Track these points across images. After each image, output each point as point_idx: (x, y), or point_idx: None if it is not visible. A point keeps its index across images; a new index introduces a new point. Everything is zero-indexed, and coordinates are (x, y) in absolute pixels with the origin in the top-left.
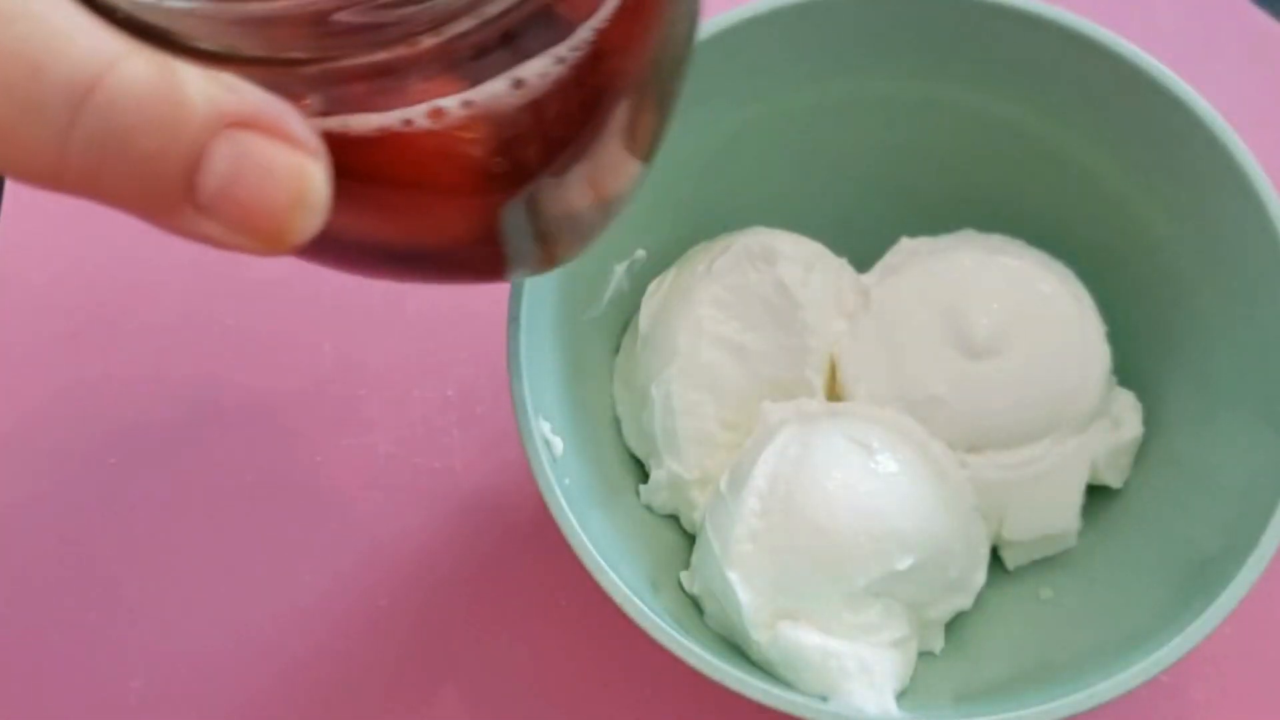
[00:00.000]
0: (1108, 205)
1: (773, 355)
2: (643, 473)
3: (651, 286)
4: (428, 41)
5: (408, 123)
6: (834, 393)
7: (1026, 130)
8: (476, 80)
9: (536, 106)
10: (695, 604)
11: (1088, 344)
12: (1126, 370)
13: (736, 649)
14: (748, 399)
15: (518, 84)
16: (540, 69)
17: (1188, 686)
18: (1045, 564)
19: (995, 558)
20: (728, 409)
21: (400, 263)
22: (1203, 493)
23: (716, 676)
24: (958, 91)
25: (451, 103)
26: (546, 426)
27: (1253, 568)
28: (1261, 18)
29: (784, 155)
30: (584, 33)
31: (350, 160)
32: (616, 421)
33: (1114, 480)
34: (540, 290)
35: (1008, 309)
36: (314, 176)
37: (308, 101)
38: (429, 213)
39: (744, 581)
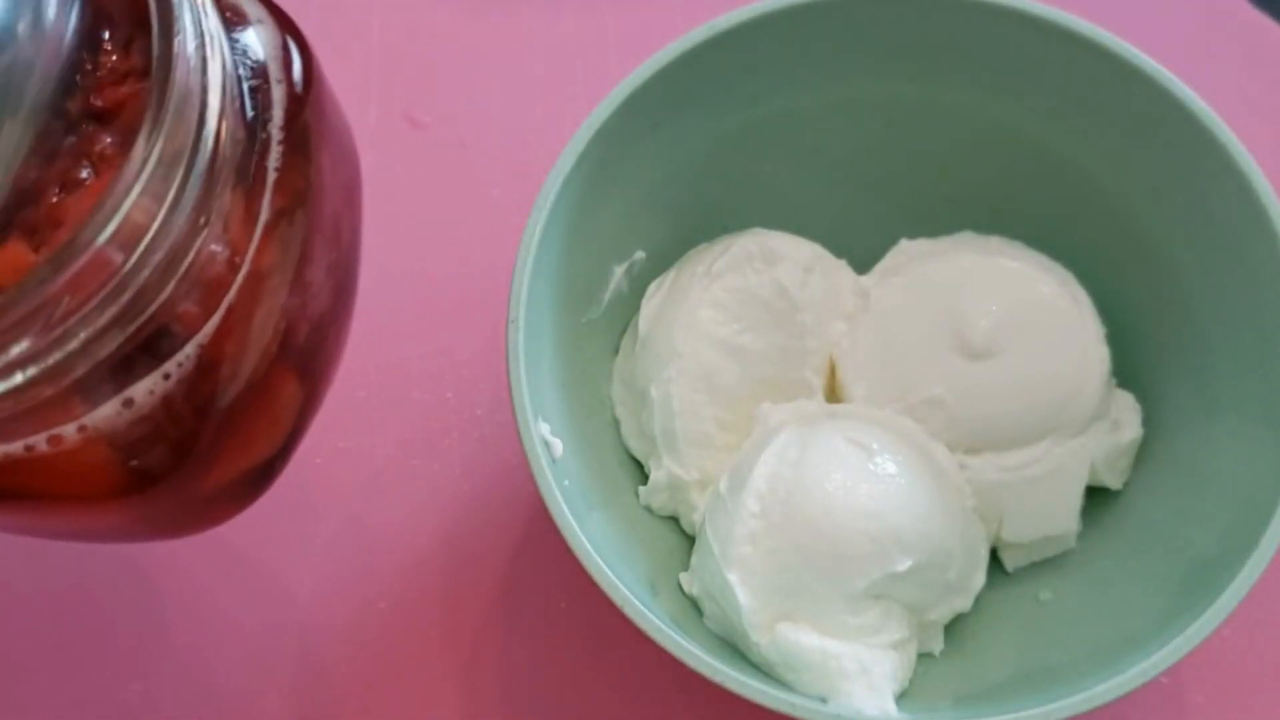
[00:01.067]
0: (1107, 207)
1: (772, 357)
2: (642, 474)
3: (651, 288)
4: (46, 391)
5: (30, 449)
6: (833, 394)
7: (1026, 132)
8: (90, 405)
9: (149, 419)
10: (695, 605)
11: (1087, 345)
12: (1126, 372)
13: (736, 650)
14: (747, 400)
15: (128, 403)
16: (148, 387)
17: (1187, 688)
18: (1044, 566)
19: (994, 559)
20: (727, 410)
21: (79, 539)
22: (1202, 494)
23: (716, 678)
24: (957, 93)
25: (69, 429)
26: (546, 428)
27: (1252, 570)
28: (1260, 18)
29: (783, 157)
30: (189, 349)
31: None
32: (616, 423)
33: (1113, 482)
34: (539, 292)
35: (1007, 311)
36: None
37: None
38: (79, 514)
39: (743, 583)
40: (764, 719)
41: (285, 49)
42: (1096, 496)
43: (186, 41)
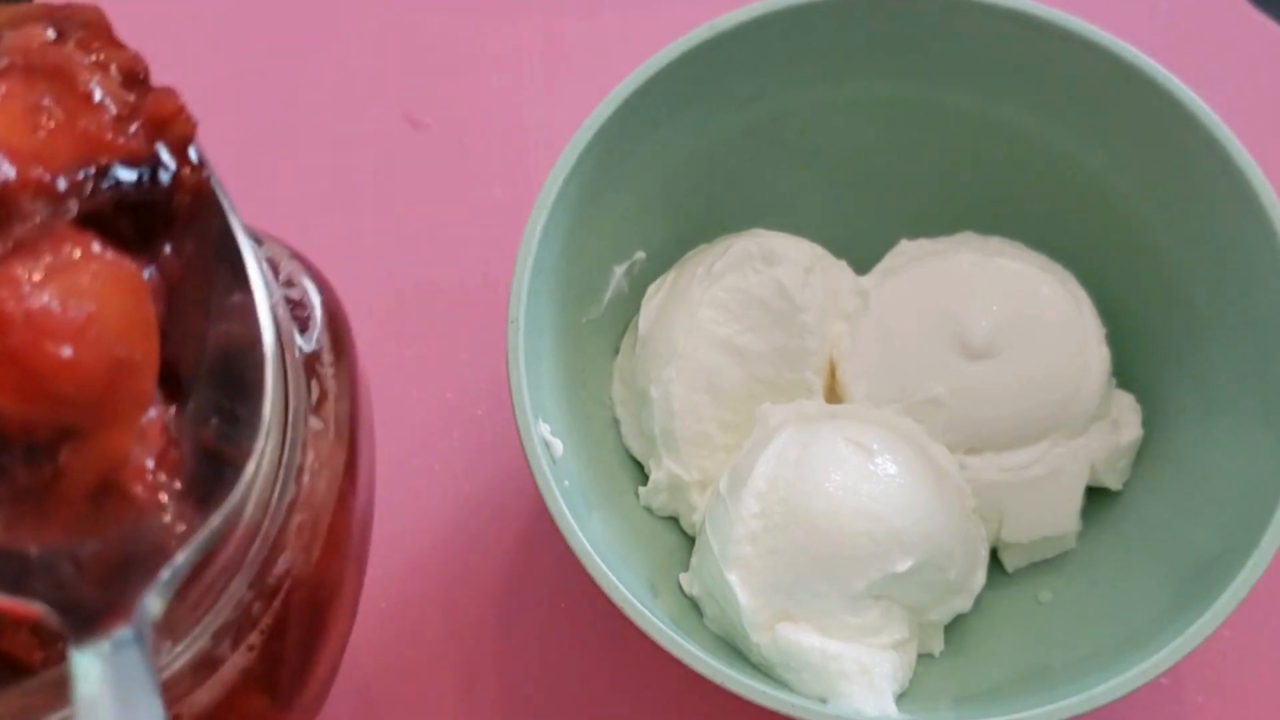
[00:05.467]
0: (1107, 207)
1: (772, 357)
2: (642, 474)
3: (651, 288)
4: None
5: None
6: (833, 394)
7: (1026, 132)
8: (234, 644)
9: (274, 641)
10: (695, 606)
11: (1087, 346)
12: (1126, 372)
13: (736, 651)
14: (747, 401)
15: (262, 631)
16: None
17: (1187, 689)
18: (1044, 566)
19: (995, 560)
20: (727, 410)
21: None
22: (1202, 495)
23: (716, 678)
24: (957, 94)
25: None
26: (546, 428)
27: (1252, 570)
28: (1260, 19)
29: (783, 157)
30: (297, 566)
31: None
32: (616, 423)
33: (1113, 482)
34: (539, 292)
35: (1007, 311)
36: None
37: None
38: None
39: (743, 583)
40: (764, 719)
41: (308, 285)
42: (1096, 497)
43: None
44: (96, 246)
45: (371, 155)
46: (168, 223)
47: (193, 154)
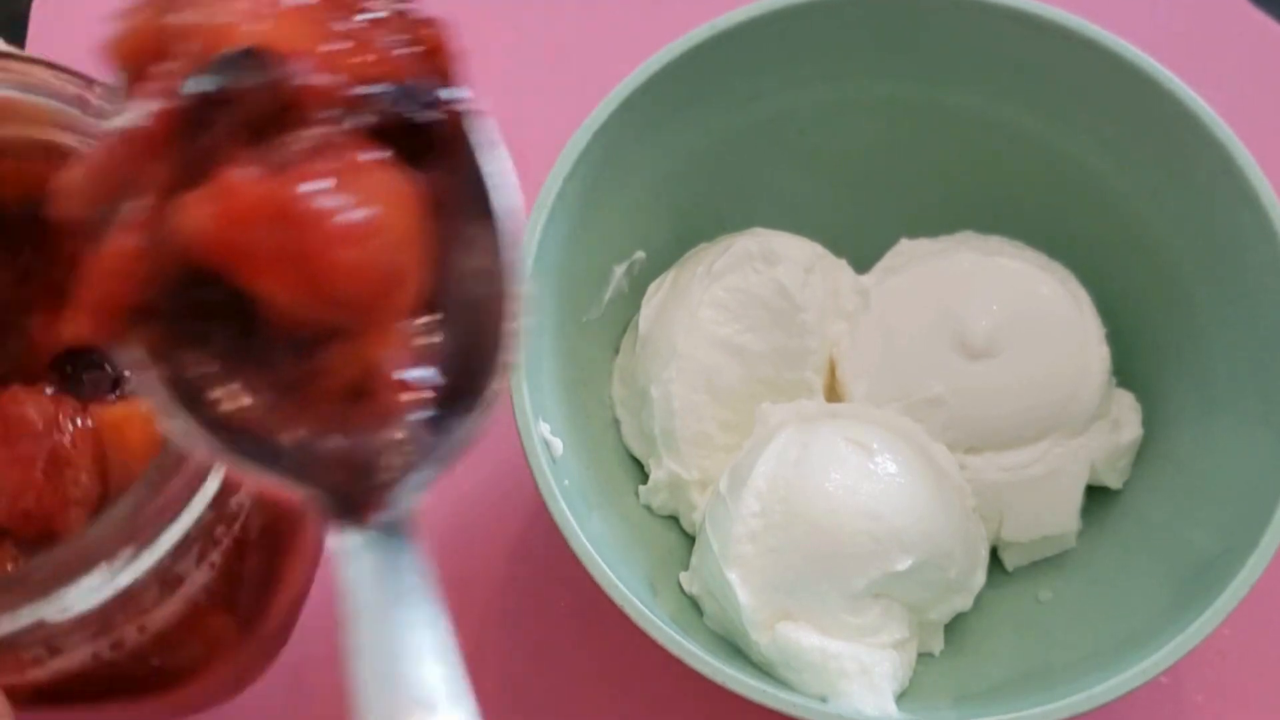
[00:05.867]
0: (1107, 206)
1: (772, 356)
2: (642, 473)
3: (651, 288)
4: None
5: (96, 656)
6: (833, 394)
7: (1026, 131)
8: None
9: (227, 572)
10: (695, 605)
11: (1087, 345)
12: (1126, 371)
13: (736, 650)
14: (747, 400)
15: (212, 565)
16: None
17: (1187, 687)
18: (1044, 565)
19: (995, 559)
20: (727, 410)
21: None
22: (1202, 494)
23: (716, 678)
24: (957, 93)
25: (128, 630)
26: (546, 428)
27: (1252, 569)
28: (1261, 18)
29: (783, 157)
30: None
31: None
32: (616, 422)
33: (1113, 481)
34: (540, 291)
35: (1007, 310)
36: None
37: None
38: (188, 688)
39: (743, 582)
40: (764, 718)
41: None
42: (1097, 496)
43: None
44: (379, 156)
45: None
46: (430, 146)
47: (451, 92)
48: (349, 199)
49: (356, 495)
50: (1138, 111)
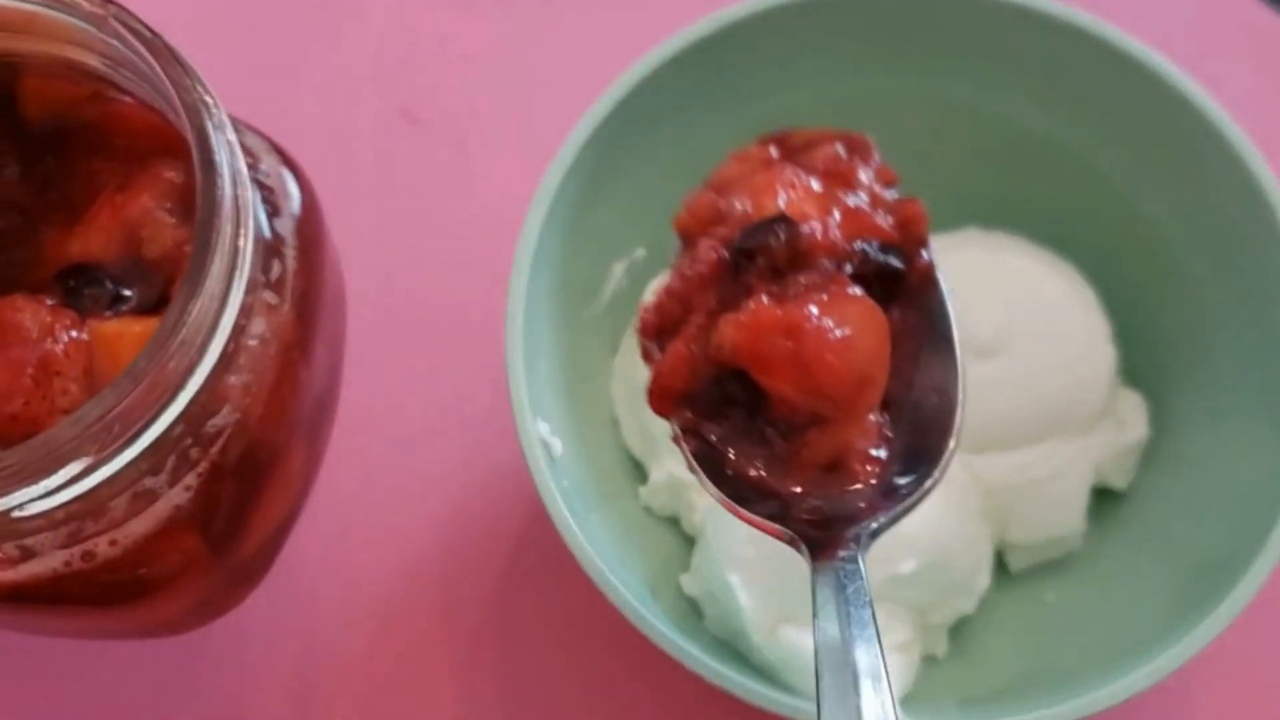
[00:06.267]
0: (1114, 203)
1: None
2: (642, 474)
3: (651, 286)
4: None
5: (67, 564)
6: None
7: (1032, 127)
8: (161, 491)
9: (203, 494)
10: (695, 607)
11: (1093, 344)
12: (1133, 370)
13: (736, 653)
14: None
15: (188, 488)
16: (204, 463)
17: (1193, 691)
18: (1050, 567)
19: (999, 561)
20: None
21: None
22: (1209, 496)
23: (717, 681)
24: (960, 89)
25: (100, 542)
26: (545, 427)
27: (1259, 572)
28: (1265, 12)
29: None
30: (231, 422)
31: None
32: (616, 422)
33: (1119, 482)
34: (538, 289)
35: (1012, 309)
36: None
37: None
38: (146, 606)
39: (745, 584)
40: None
41: (286, 177)
42: (1102, 497)
43: (225, 184)
44: (860, 293)
45: (369, 151)
46: (900, 290)
47: (925, 252)
48: (838, 322)
49: (824, 539)
50: (1145, 109)
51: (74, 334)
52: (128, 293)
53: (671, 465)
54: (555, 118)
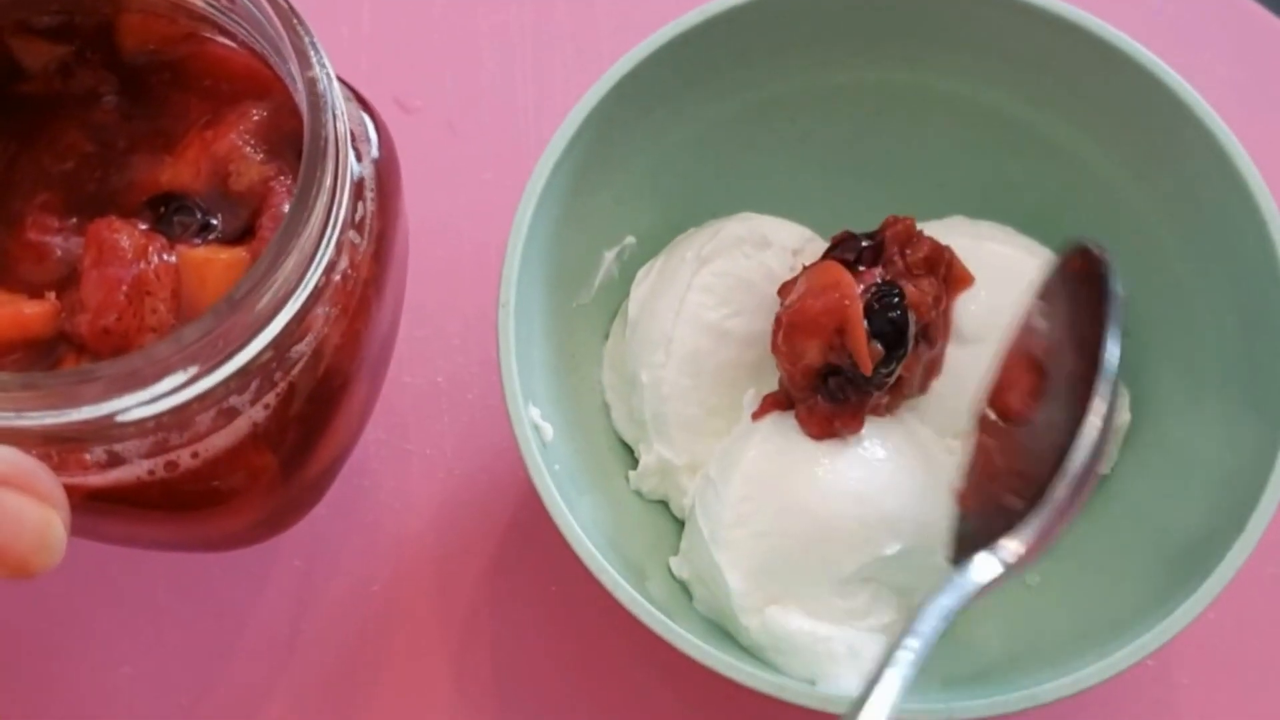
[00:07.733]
0: (1096, 193)
1: (761, 341)
2: (632, 458)
3: (640, 273)
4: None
5: (151, 472)
6: None
7: (1016, 118)
8: (243, 409)
9: (278, 414)
10: (684, 589)
11: None
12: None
13: (725, 633)
14: (736, 384)
15: (267, 405)
16: (280, 387)
17: (1173, 670)
18: None
19: None
20: (716, 394)
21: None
22: (1189, 478)
23: (705, 661)
24: (947, 79)
25: (183, 453)
26: (536, 413)
27: (1239, 552)
28: (1250, 5)
29: (773, 142)
30: (309, 351)
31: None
32: (606, 407)
33: (1101, 466)
34: (530, 277)
35: (996, 296)
36: (55, 526)
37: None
38: (220, 516)
39: (733, 566)
40: (753, 701)
41: (366, 122)
42: None
43: (331, 124)
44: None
45: None
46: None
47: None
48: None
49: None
50: (1129, 99)
51: (165, 257)
52: (214, 221)
53: (661, 449)
54: (547, 107)
